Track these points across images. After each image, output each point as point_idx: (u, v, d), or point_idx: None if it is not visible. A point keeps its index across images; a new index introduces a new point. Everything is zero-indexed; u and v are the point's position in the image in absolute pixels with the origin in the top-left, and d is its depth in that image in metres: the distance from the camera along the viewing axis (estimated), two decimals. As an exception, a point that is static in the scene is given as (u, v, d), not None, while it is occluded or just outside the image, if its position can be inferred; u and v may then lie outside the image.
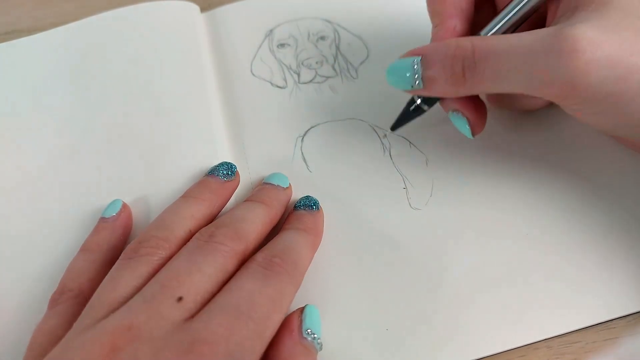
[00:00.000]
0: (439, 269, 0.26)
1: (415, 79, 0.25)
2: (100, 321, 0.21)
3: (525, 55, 0.22)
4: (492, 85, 0.24)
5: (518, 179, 0.29)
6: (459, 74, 0.24)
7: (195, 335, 0.20)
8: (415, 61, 0.25)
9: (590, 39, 0.21)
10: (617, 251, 0.26)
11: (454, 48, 0.24)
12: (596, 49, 0.21)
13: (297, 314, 0.23)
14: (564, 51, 0.21)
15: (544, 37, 0.22)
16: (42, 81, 0.35)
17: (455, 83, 0.24)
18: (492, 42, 0.23)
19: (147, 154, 0.31)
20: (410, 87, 0.26)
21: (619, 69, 0.21)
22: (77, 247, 0.27)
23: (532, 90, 0.23)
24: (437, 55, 0.25)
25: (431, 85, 0.25)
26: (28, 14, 0.41)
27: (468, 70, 0.23)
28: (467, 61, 0.23)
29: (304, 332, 0.22)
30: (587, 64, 0.21)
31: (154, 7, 0.37)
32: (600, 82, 0.21)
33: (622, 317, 0.25)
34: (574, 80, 0.21)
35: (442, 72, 0.24)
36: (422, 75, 0.25)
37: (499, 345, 0.24)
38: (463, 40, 0.24)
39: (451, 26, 0.26)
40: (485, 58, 0.23)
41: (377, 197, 0.29)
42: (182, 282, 0.22)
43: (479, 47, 0.23)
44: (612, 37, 0.21)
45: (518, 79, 0.23)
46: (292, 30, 0.37)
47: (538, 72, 0.22)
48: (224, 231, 0.24)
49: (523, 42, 0.22)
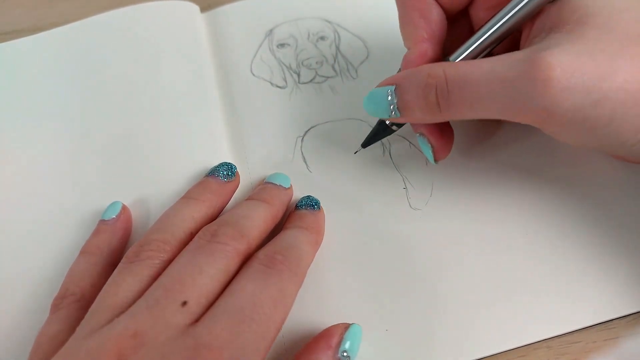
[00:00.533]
0: (439, 269, 0.26)
1: (391, 109, 0.25)
2: (104, 327, 0.21)
3: (499, 83, 0.21)
4: (468, 112, 0.23)
5: (518, 179, 0.29)
6: (433, 103, 0.23)
7: (199, 340, 0.20)
8: (390, 91, 0.25)
9: (565, 65, 0.20)
10: (617, 251, 0.26)
11: (426, 77, 0.23)
12: (570, 75, 0.20)
13: (341, 330, 0.23)
14: (538, 79, 0.20)
15: (517, 63, 0.21)
16: (42, 81, 0.35)
17: (430, 111, 0.24)
18: (464, 69, 0.23)
19: (147, 155, 0.31)
20: (387, 115, 0.26)
21: (594, 95, 0.20)
22: (77, 250, 0.27)
23: (508, 117, 0.22)
24: (410, 85, 0.24)
25: (407, 114, 0.25)
26: (28, 14, 0.41)
27: (442, 98, 0.23)
28: (440, 90, 0.23)
29: (341, 353, 0.22)
30: (561, 92, 0.20)
31: (154, 7, 0.37)
32: (575, 108, 0.20)
33: (622, 317, 0.25)
34: (549, 108, 0.21)
35: (416, 101, 0.24)
36: (397, 104, 0.25)
37: (499, 345, 0.24)
38: (435, 67, 0.23)
39: (422, 50, 0.26)
40: (459, 87, 0.22)
41: (377, 197, 0.29)
42: (186, 285, 0.22)
43: (451, 75, 0.23)
44: (587, 62, 0.20)
45: (493, 106, 0.22)
46: (292, 30, 0.37)
47: (513, 101, 0.21)
48: (226, 230, 0.24)
49: (496, 69, 0.22)
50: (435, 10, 0.26)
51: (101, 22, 0.37)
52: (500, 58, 0.22)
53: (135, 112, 0.33)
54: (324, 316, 0.25)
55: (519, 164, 0.29)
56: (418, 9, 0.26)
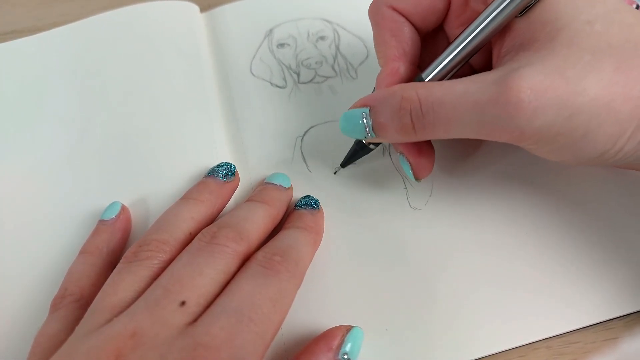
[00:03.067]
0: (439, 269, 0.26)
1: (366, 131, 0.25)
2: (103, 326, 0.21)
3: (471, 106, 0.22)
4: (443, 133, 0.23)
5: (518, 179, 0.29)
6: (408, 125, 0.24)
7: (197, 340, 0.20)
8: (364, 113, 0.25)
9: (535, 86, 0.20)
10: (616, 251, 0.26)
11: (400, 100, 0.23)
12: (541, 95, 0.20)
13: (343, 332, 0.23)
14: (509, 102, 0.21)
15: (488, 86, 0.21)
16: (42, 81, 0.35)
17: (405, 133, 0.24)
18: (437, 92, 0.23)
19: (147, 155, 0.31)
20: (364, 137, 0.26)
21: (566, 110, 0.20)
22: (77, 250, 0.27)
23: (483, 137, 0.23)
24: (383, 107, 0.24)
25: (383, 135, 0.25)
26: (28, 14, 0.41)
27: (417, 120, 0.23)
28: (414, 112, 0.23)
29: (341, 355, 0.23)
30: (533, 112, 0.20)
31: (154, 7, 0.37)
32: (548, 125, 0.21)
33: (621, 317, 0.25)
34: (521, 127, 0.21)
35: (390, 123, 0.24)
36: (372, 126, 0.25)
37: (498, 345, 0.24)
38: (408, 90, 0.23)
39: (393, 68, 0.26)
40: (432, 109, 0.23)
41: (377, 197, 0.29)
42: (185, 286, 0.22)
43: (425, 97, 0.23)
44: (557, 80, 0.20)
45: (467, 128, 0.22)
46: (292, 30, 0.37)
47: (486, 123, 0.22)
48: (226, 232, 0.24)
49: (468, 92, 0.22)
50: (407, 29, 0.26)
51: (101, 22, 0.37)
52: (472, 79, 0.22)
53: (134, 112, 0.33)
54: (323, 316, 0.25)
55: (519, 164, 0.29)
56: (390, 29, 0.26)
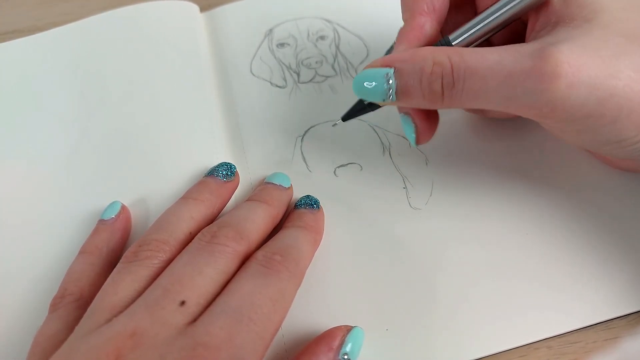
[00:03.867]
0: (439, 269, 0.26)
1: (388, 93, 0.23)
2: (103, 326, 0.21)
3: (506, 77, 0.21)
4: (471, 103, 0.23)
5: (518, 180, 0.29)
6: (438, 92, 0.23)
7: (197, 339, 0.20)
8: (390, 74, 0.23)
9: (572, 61, 0.20)
10: (617, 251, 0.26)
11: (431, 65, 0.22)
12: (577, 72, 0.20)
13: (343, 332, 0.23)
14: (545, 75, 0.20)
15: (524, 57, 0.21)
16: (42, 81, 0.35)
17: (431, 100, 0.23)
18: (470, 60, 0.22)
19: (147, 155, 0.31)
20: (381, 99, 0.24)
21: (599, 92, 0.20)
22: (77, 249, 0.27)
23: (511, 110, 0.22)
24: (413, 72, 0.23)
25: (406, 100, 0.24)
26: (28, 14, 0.41)
27: (447, 88, 0.22)
28: (446, 79, 0.22)
29: (342, 355, 0.23)
30: (568, 88, 0.20)
31: (154, 7, 0.37)
32: (580, 104, 0.20)
33: (622, 317, 0.25)
34: (554, 103, 0.21)
35: (419, 88, 0.23)
36: (396, 89, 0.23)
37: (499, 345, 0.24)
38: (440, 55, 0.22)
39: (420, 23, 0.24)
40: (464, 77, 0.22)
41: (377, 197, 0.29)
42: (185, 285, 0.22)
43: (457, 65, 0.22)
44: (594, 59, 0.20)
45: (497, 99, 0.22)
46: (292, 29, 0.37)
47: (517, 94, 0.21)
48: (226, 231, 0.24)
49: (503, 62, 0.21)
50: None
51: (101, 22, 0.37)
52: (506, 49, 0.22)
53: (134, 112, 0.33)
54: (323, 316, 0.25)
55: (520, 165, 0.29)
56: None
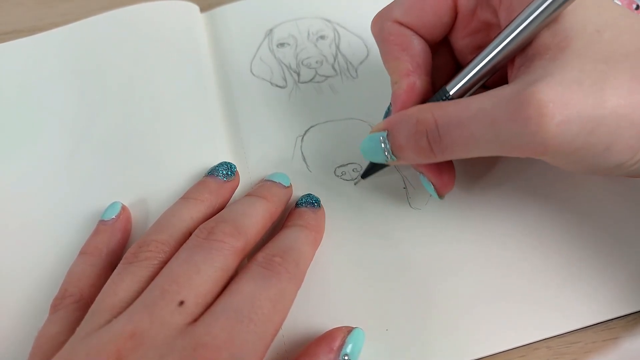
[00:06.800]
0: (439, 269, 0.26)
1: (386, 155, 0.25)
2: (103, 327, 0.21)
3: (489, 124, 0.21)
4: (463, 153, 0.23)
5: (518, 180, 0.29)
6: (426, 148, 0.23)
7: (197, 340, 0.20)
8: (382, 137, 0.25)
9: (555, 99, 0.20)
10: (616, 251, 0.26)
11: (415, 123, 0.23)
12: (563, 109, 0.20)
13: (344, 333, 0.23)
14: (531, 118, 0.20)
15: (506, 102, 0.21)
16: (42, 81, 0.35)
17: (424, 155, 0.24)
18: (453, 112, 0.22)
19: (147, 155, 0.31)
20: (384, 160, 0.25)
21: (589, 124, 0.20)
22: (77, 250, 0.27)
23: (504, 154, 0.22)
24: (400, 131, 0.24)
25: (402, 157, 0.25)
26: (28, 14, 0.41)
27: (434, 143, 0.23)
28: (431, 134, 0.23)
29: (342, 356, 0.23)
30: (557, 126, 0.20)
31: (154, 7, 0.37)
32: (571, 139, 0.20)
33: (621, 317, 0.25)
34: (545, 142, 0.20)
35: (408, 146, 0.24)
36: (391, 150, 0.25)
37: (499, 345, 0.24)
38: (423, 112, 0.23)
39: (410, 83, 0.25)
40: (449, 130, 0.22)
41: (377, 196, 0.29)
42: (183, 285, 0.22)
43: (441, 118, 0.22)
44: (576, 92, 0.20)
45: (487, 146, 0.22)
46: (292, 29, 0.37)
47: (507, 140, 0.21)
48: (223, 227, 0.24)
49: (485, 109, 0.21)
50: (417, 42, 0.26)
51: (101, 22, 0.37)
52: (487, 95, 0.22)
53: (135, 112, 0.33)
54: (324, 316, 0.25)
55: (519, 165, 0.29)
56: (399, 44, 0.26)
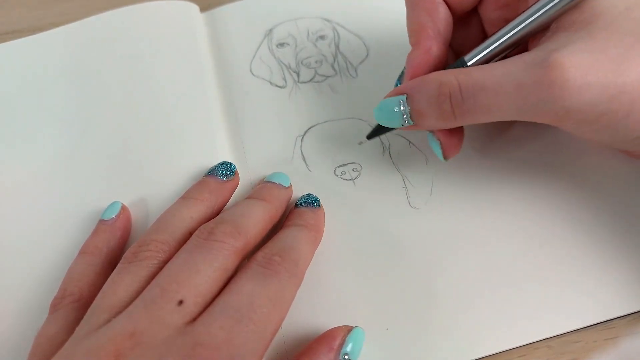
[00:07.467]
0: (439, 269, 0.26)
1: (404, 118, 0.25)
2: (102, 327, 0.21)
3: (514, 89, 0.21)
4: (484, 117, 0.23)
5: (518, 179, 0.29)
6: (448, 112, 0.23)
7: (196, 339, 0.20)
8: (401, 101, 0.25)
9: (579, 64, 0.20)
10: (617, 251, 0.26)
11: (438, 85, 0.23)
12: (586, 73, 0.20)
13: (344, 332, 0.23)
14: (554, 82, 0.20)
15: (530, 67, 0.21)
16: (42, 81, 0.35)
17: (444, 119, 0.24)
18: (477, 76, 0.22)
19: (147, 155, 0.31)
20: (400, 125, 0.25)
21: (611, 90, 0.20)
22: (77, 250, 0.27)
23: (525, 119, 0.23)
24: (421, 95, 0.24)
25: (421, 122, 0.25)
26: (28, 14, 0.41)
27: (457, 107, 0.23)
28: (454, 98, 0.23)
29: (342, 355, 0.23)
30: (578, 90, 0.20)
31: (154, 7, 0.37)
32: (593, 104, 0.21)
33: (622, 317, 0.25)
34: (567, 107, 0.21)
35: (429, 110, 0.24)
36: (410, 114, 0.25)
37: (499, 345, 0.24)
38: (446, 75, 0.23)
39: (426, 47, 0.25)
40: (473, 94, 0.22)
41: (376, 196, 0.29)
42: (182, 285, 0.22)
43: (465, 83, 0.23)
44: (600, 59, 0.20)
45: (509, 111, 0.22)
46: (292, 29, 0.37)
47: (530, 104, 0.22)
48: (223, 227, 0.24)
49: (510, 74, 0.22)
50: (443, 9, 0.26)
51: (101, 22, 0.37)
52: (512, 61, 0.22)
53: (134, 112, 0.33)
54: (324, 316, 0.25)
55: (519, 164, 0.29)
56: (425, 8, 0.26)
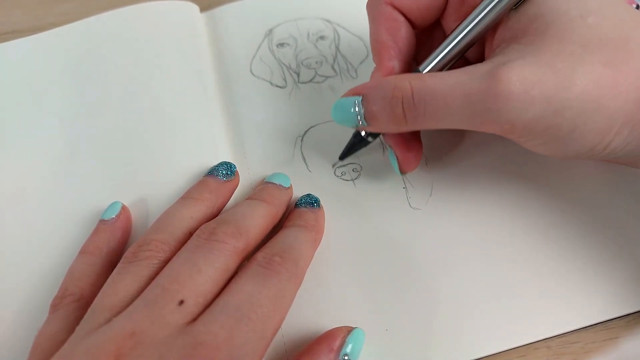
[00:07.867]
0: (439, 269, 0.26)
1: (358, 118, 0.25)
2: (103, 326, 0.21)
3: (463, 97, 0.22)
4: (434, 123, 0.24)
5: (518, 180, 0.29)
6: (400, 114, 0.24)
7: (197, 338, 0.20)
8: (357, 101, 0.25)
9: (524, 78, 0.21)
10: (616, 251, 0.26)
11: (392, 89, 0.24)
12: (531, 87, 0.21)
13: (344, 333, 0.23)
14: (500, 94, 0.21)
15: (479, 77, 0.22)
16: (42, 82, 0.35)
17: (396, 122, 0.24)
18: (430, 83, 0.23)
19: (147, 155, 0.31)
20: (355, 124, 0.26)
21: (555, 104, 0.21)
22: (77, 250, 0.27)
23: (473, 128, 0.23)
24: (376, 96, 0.25)
25: (374, 124, 0.25)
26: (28, 14, 0.41)
27: (408, 110, 0.24)
28: (406, 102, 0.23)
29: (342, 356, 0.23)
30: (523, 104, 0.21)
31: (154, 7, 0.37)
32: (537, 118, 0.21)
33: (621, 317, 0.25)
34: (511, 120, 0.21)
35: (382, 112, 0.24)
36: (364, 114, 0.25)
37: (498, 345, 0.24)
38: (401, 80, 0.24)
39: (389, 67, 0.26)
40: (424, 100, 0.23)
41: (377, 197, 0.29)
42: (183, 285, 0.22)
43: (417, 88, 0.23)
44: (547, 74, 0.21)
45: (457, 119, 0.23)
46: (292, 30, 0.37)
47: (476, 114, 0.22)
48: (224, 228, 0.24)
49: (460, 83, 0.22)
50: (404, 29, 0.27)
51: (101, 22, 0.37)
52: (464, 71, 0.23)
53: (135, 112, 0.33)
54: (324, 316, 0.25)
55: (520, 164, 0.29)
56: (387, 27, 0.26)
